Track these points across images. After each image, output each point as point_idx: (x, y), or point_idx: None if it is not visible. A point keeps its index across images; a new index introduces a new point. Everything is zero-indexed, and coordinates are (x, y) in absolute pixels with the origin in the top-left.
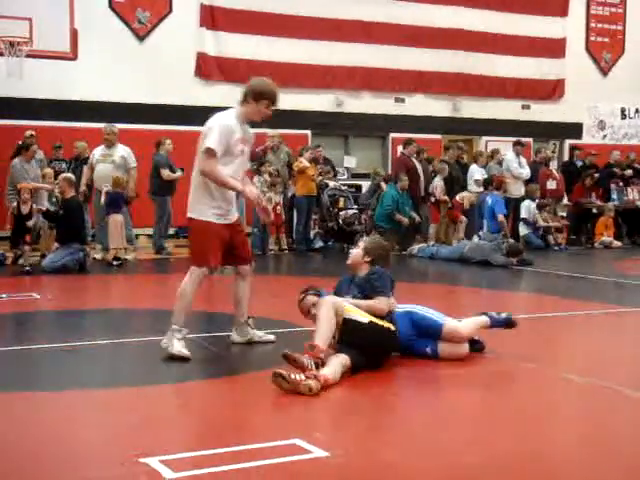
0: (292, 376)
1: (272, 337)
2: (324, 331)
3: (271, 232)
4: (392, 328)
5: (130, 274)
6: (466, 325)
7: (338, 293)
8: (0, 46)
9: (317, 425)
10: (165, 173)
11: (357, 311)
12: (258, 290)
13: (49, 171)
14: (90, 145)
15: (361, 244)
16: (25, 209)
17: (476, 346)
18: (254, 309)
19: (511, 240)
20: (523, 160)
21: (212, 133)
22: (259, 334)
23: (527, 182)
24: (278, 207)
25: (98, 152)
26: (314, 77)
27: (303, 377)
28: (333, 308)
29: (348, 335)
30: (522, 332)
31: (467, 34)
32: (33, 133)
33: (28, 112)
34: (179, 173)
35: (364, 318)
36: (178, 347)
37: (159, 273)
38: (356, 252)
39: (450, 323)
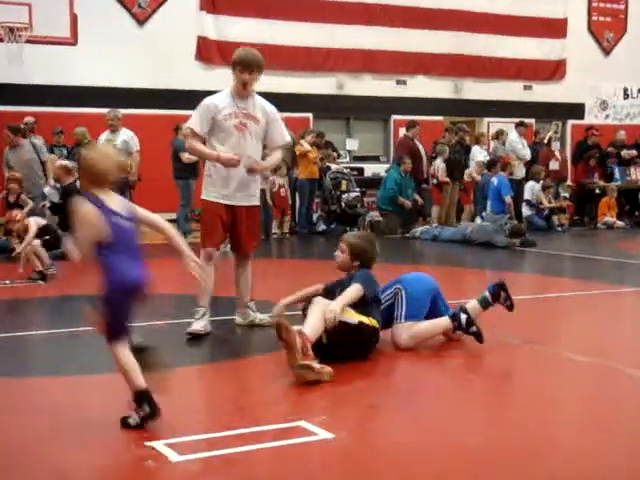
0: (317, 366)
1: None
2: (313, 324)
3: (275, 215)
4: (377, 326)
5: None
6: (416, 335)
7: (331, 292)
8: (0, 32)
9: (322, 407)
10: (185, 156)
11: (348, 313)
12: (261, 273)
13: (52, 157)
14: (91, 130)
15: (344, 247)
16: (12, 198)
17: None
18: (257, 292)
19: (514, 221)
20: (524, 141)
21: (193, 114)
22: (260, 317)
23: (530, 163)
24: (282, 190)
25: (103, 138)
26: (315, 60)
27: (319, 365)
28: (323, 311)
29: (337, 336)
30: (524, 313)
31: (468, 15)
32: (29, 120)
33: (28, 98)
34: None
35: (353, 319)
36: (193, 326)
37: (163, 257)
38: (342, 258)
39: (400, 329)
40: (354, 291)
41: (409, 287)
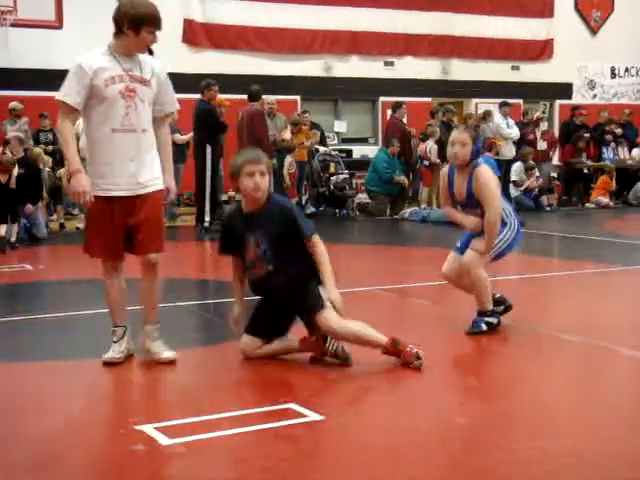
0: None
1: (171, 355)
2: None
3: (291, 196)
4: None
5: None
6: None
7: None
8: None
9: (312, 389)
10: (176, 137)
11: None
12: None
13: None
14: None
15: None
16: None
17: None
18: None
19: None
20: (511, 121)
21: (65, 81)
22: (166, 354)
23: (519, 144)
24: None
25: (81, 121)
26: (303, 42)
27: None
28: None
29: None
30: (514, 293)
31: None
32: (16, 105)
33: (14, 82)
34: (189, 135)
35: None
36: (109, 353)
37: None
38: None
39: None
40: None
41: None
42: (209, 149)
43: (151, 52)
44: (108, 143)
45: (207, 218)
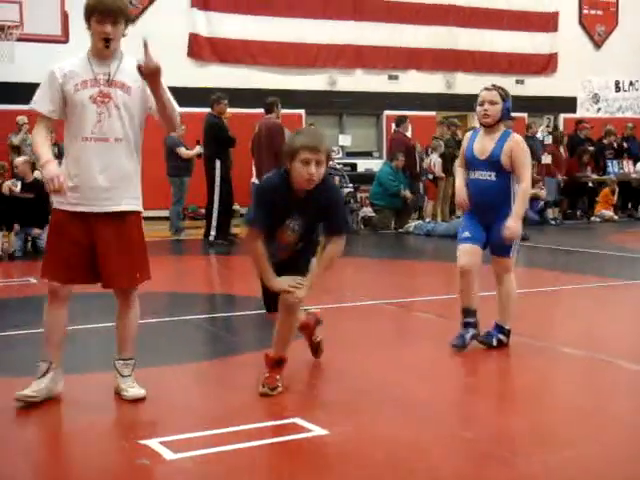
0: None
1: (138, 394)
2: None
3: None
4: None
5: None
6: None
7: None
8: None
9: (316, 404)
10: (183, 151)
11: None
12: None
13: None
14: None
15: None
16: None
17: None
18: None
19: None
20: None
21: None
22: (132, 392)
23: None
24: None
25: None
26: (307, 56)
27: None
28: None
29: None
30: (518, 306)
31: (459, 9)
32: (22, 119)
33: (20, 96)
34: (198, 149)
35: None
36: (27, 389)
37: (156, 255)
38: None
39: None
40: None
41: None
42: (218, 163)
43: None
44: (79, 153)
45: (212, 232)
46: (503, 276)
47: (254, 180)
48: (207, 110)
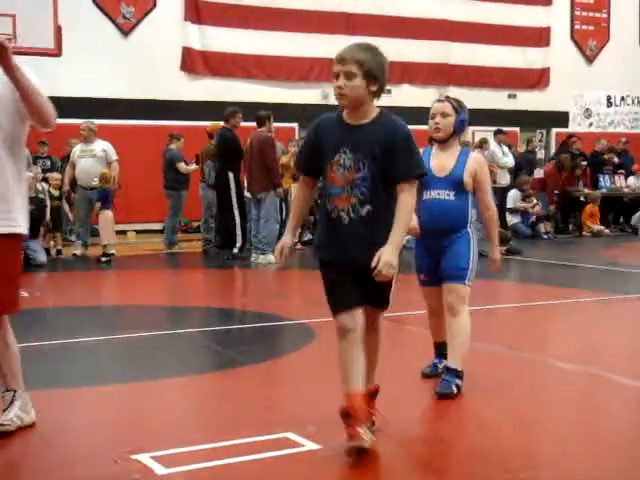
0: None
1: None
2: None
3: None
4: None
5: (119, 269)
6: None
7: None
8: None
9: (308, 419)
10: (182, 166)
11: None
12: (251, 285)
13: (36, 169)
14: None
15: None
16: None
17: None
18: (250, 303)
19: (499, 229)
20: (506, 148)
21: None
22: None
23: (516, 173)
24: None
25: (78, 149)
26: (300, 70)
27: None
28: None
29: None
30: (510, 321)
31: (452, 24)
32: None
33: None
34: (194, 166)
35: None
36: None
37: (151, 268)
38: None
39: None
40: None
41: None
42: (231, 175)
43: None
44: None
45: (238, 244)
46: (456, 307)
47: (246, 194)
48: (200, 123)
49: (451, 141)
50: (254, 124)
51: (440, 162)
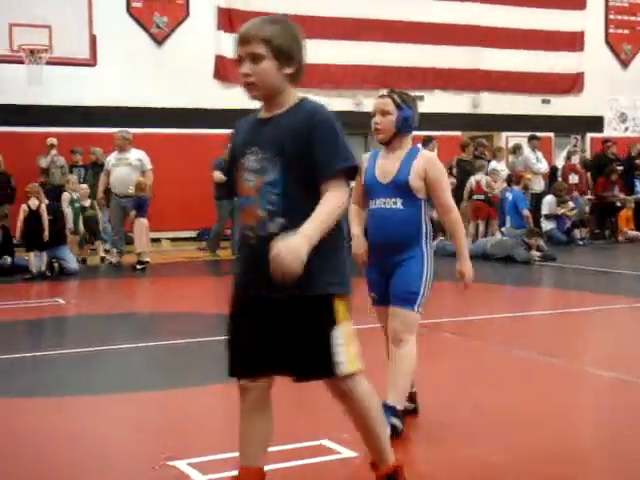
0: None
1: None
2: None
3: None
4: None
5: (153, 277)
6: None
7: None
8: (20, 54)
9: (344, 426)
10: (216, 175)
11: None
12: None
13: (73, 177)
14: (110, 150)
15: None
16: None
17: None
18: None
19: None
20: (540, 154)
21: None
22: None
23: (551, 176)
24: None
25: (113, 157)
26: (333, 77)
27: None
28: None
29: None
30: (546, 327)
31: (485, 30)
32: (52, 141)
33: (49, 119)
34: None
35: None
36: None
37: (186, 276)
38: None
39: None
40: None
41: None
42: None
43: None
44: None
45: None
46: (400, 335)
47: None
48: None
49: (397, 142)
50: None
51: (384, 166)
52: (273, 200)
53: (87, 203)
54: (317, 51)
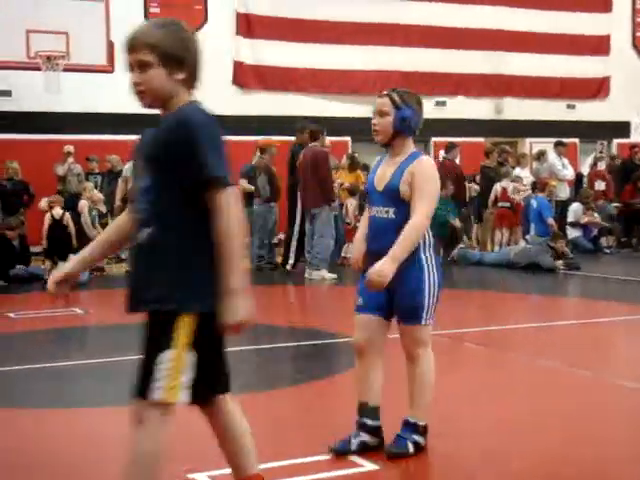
0: None
1: None
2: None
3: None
4: None
5: None
6: None
7: None
8: (38, 61)
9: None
10: (243, 182)
11: None
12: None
13: (89, 185)
14: (124, 158)
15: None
16: None
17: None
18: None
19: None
20: (565, 160)
21: None
22: None
23: (576, 183)
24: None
25: (128, 166)
26: (352, 83)
27: None
28: None
29: None
30: (572, 338)
31: (508, 34)
32: (69, 149)
33: (66, 126)
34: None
35: None
36: None
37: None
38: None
39: None
40: None
41: None
42: (299, 193)
43: None
44: None
45: (291, 261)
46: (415, 352)
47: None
48: (252, 138)
49: (398, 145)
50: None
51: (382, 173)
52: (145, 208)
53: (103, 209)
54: (336, 56)
